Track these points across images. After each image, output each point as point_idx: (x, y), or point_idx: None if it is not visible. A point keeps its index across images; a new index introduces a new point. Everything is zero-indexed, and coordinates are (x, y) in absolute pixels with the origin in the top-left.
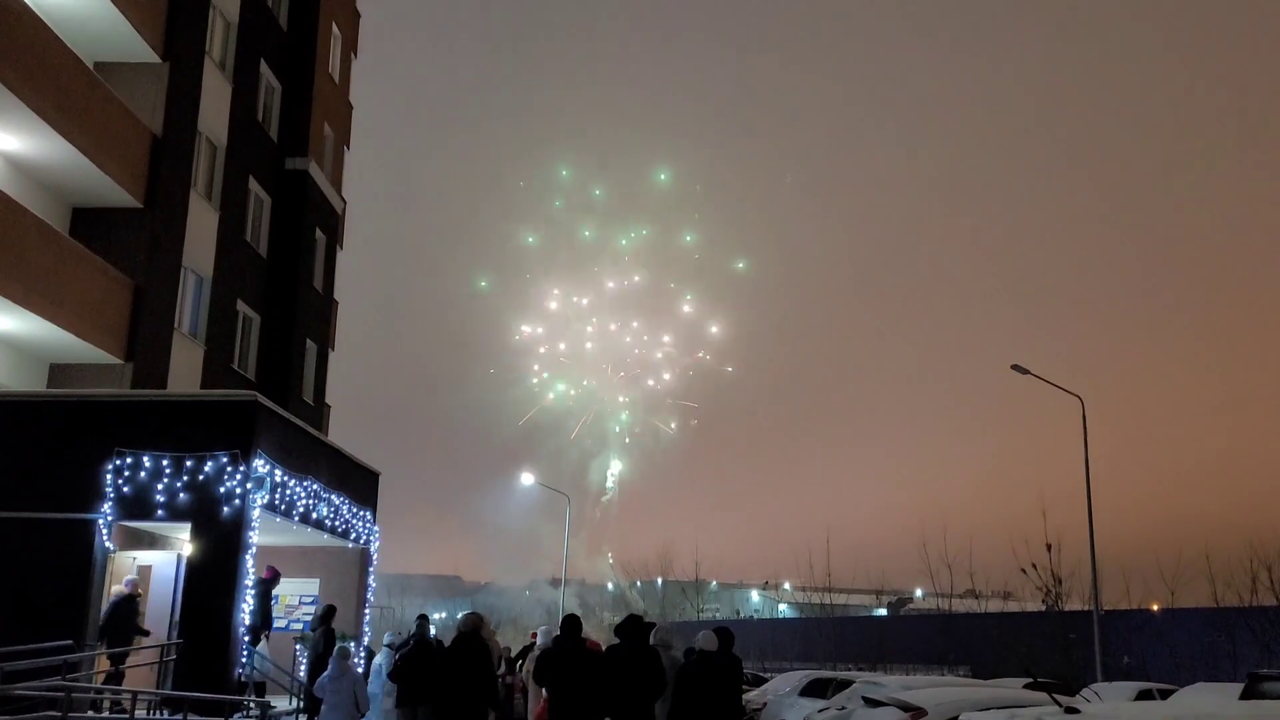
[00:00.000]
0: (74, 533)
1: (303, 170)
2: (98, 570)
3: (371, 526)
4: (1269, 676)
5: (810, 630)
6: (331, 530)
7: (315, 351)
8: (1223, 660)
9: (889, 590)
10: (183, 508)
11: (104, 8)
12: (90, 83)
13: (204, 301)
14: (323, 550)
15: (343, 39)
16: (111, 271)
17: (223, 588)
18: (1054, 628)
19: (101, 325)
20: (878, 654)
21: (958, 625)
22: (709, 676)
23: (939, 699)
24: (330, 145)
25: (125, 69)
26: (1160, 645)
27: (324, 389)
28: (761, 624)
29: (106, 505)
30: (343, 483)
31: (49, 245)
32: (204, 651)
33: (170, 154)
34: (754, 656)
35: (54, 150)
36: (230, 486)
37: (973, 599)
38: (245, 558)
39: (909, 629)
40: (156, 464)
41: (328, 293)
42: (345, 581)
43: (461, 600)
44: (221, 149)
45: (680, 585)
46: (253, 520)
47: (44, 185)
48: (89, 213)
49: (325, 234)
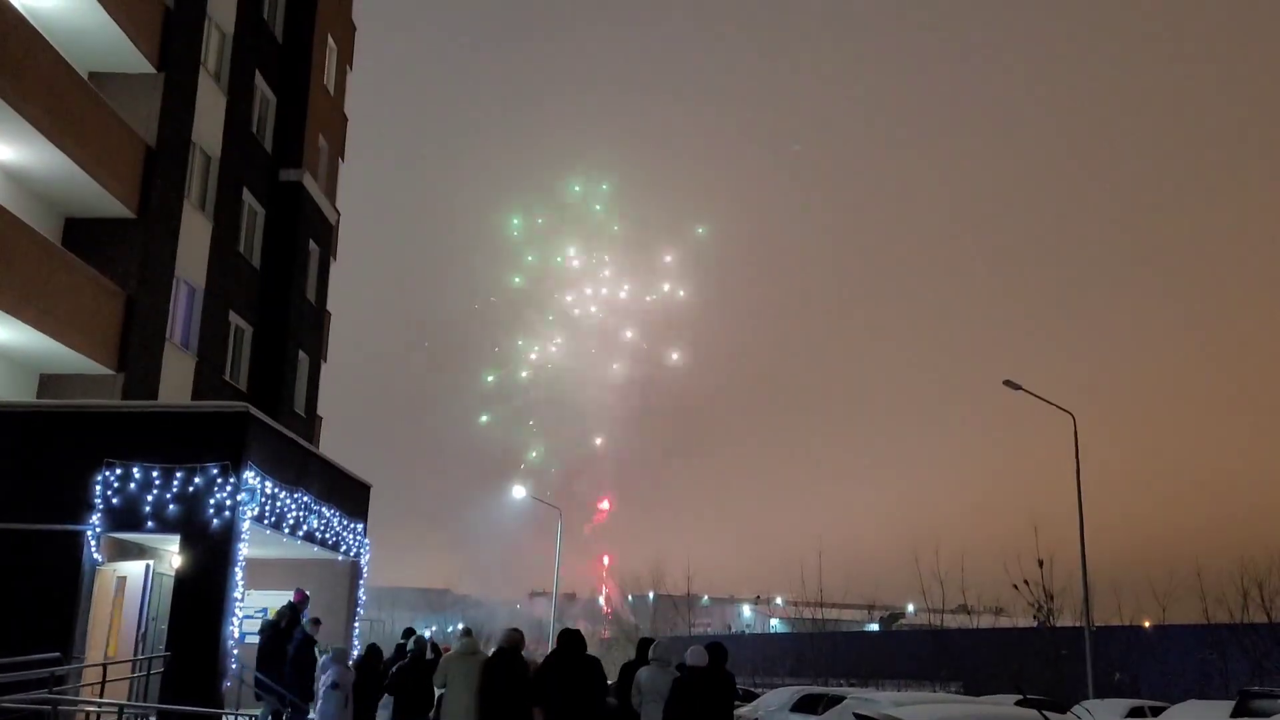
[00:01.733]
0: (62, 544)
1: (297, 181)
2: (86, 582)
3: (362, 539)
4: (1260, 694)
5: (802, 645)
6: (322, 543)
7: (307, 363)
8: (1214, 677)
9: (881, 605)
10: (172, 519)
11: (99, 19)
12: (84, 93)
13: (196, 312)
14: (313, 563)
15: (338, 51)
16: (103, 282)
17: (211, 600)
18: (1046, 644)
19: (93, 335)
20: (869, 669)
21: (950, 641)
22: (702, 692)
23: (931, 716)
24: (325, 157)
25: (120, 79)
26: (1152, 662)
27: (316, 400)
28: (753, 639)
29: (95, 516)
30: (333, 495)
31: (41, 255)
32: (192, 664)
33: (164, 165)
34: (746, 672)
35: (47, 160)
36: (220, 498)
37: (965, 614)
38: (234, 570)
39: (901, 645)
40: (146, 475)
41: (321, 304)
42: (335, 594)
43: (452, 614)
44: (215, 160)
45: (672, 599)
46: (242, 532)
47: (36, 195)
48: (82, 223)
49: (319, 245)
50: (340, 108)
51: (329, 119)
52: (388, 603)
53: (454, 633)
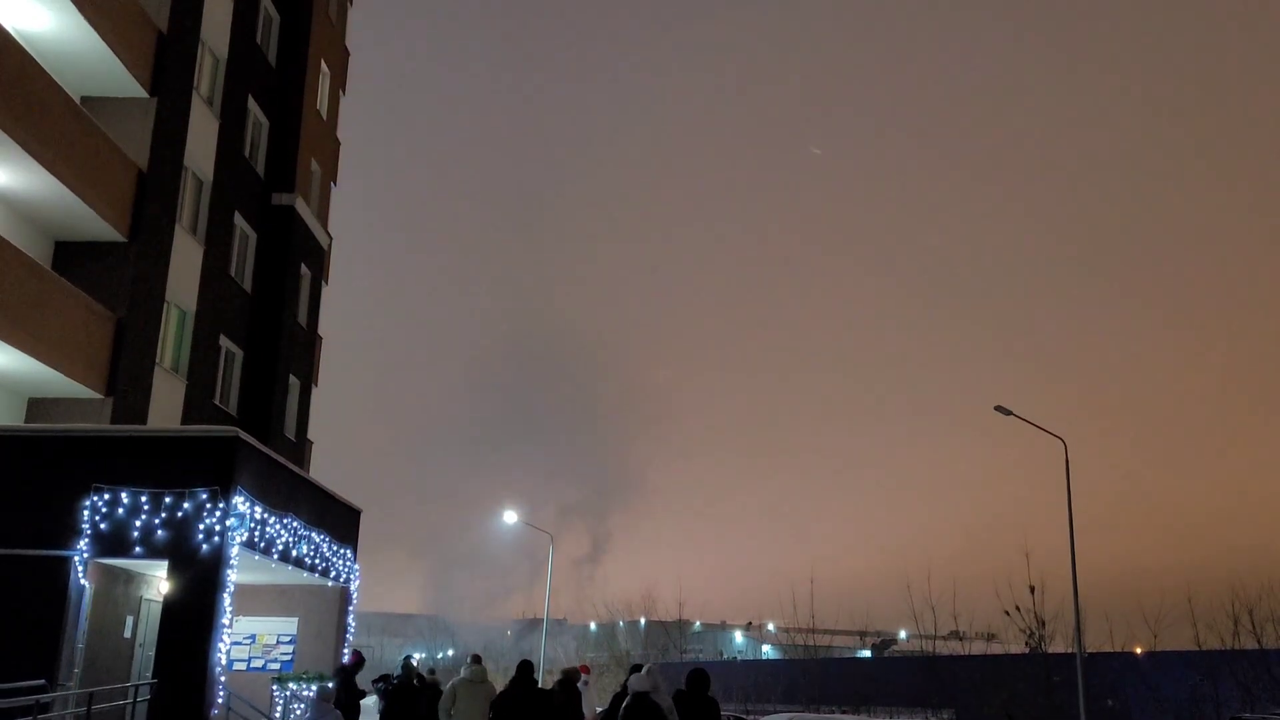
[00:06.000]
0: (49, 569)
1: (289, 206)
2: (72, 608)
3: (352, 565)
4: None
5: (794, 672)
6: (311, 568)
7: (298, 387)
8: (1205, 704)
9: (873, 632)
10: (160, 545)
11: (92, 43)
12: (76, 117)
13: (187, 336)
14: (302, 589)
15: (331, 76)
16: (94, 305)
17: (199, 626)
18: (1037, 670)
19: (82, 360)
20: (862, 696)
21: (942, 667)
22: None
23: None
24: (317, 181)
25: (112, 104)
26: (1144, 688)
27: (306, 425)
28: (745, 665)
29: (83, 542)
30: (323, 520)
31: (30, 278)
32: (179, 691)
33: (156, 188)
34: (738, 698)
35: (38, 184)
36: (209, 523)
37: (957, 641)
38: (223, 596)
39: (893, 671)
40: (135, 500)
41: (312, 328)
42: (324, 620)
43: (442, 640)
44: (208, 184)
45: (663, 625)
46: (231, 558)
47: (27, 218)
48: (72, 246)
49: (311, 269)
50: (333, 132)
51: (322, 143)
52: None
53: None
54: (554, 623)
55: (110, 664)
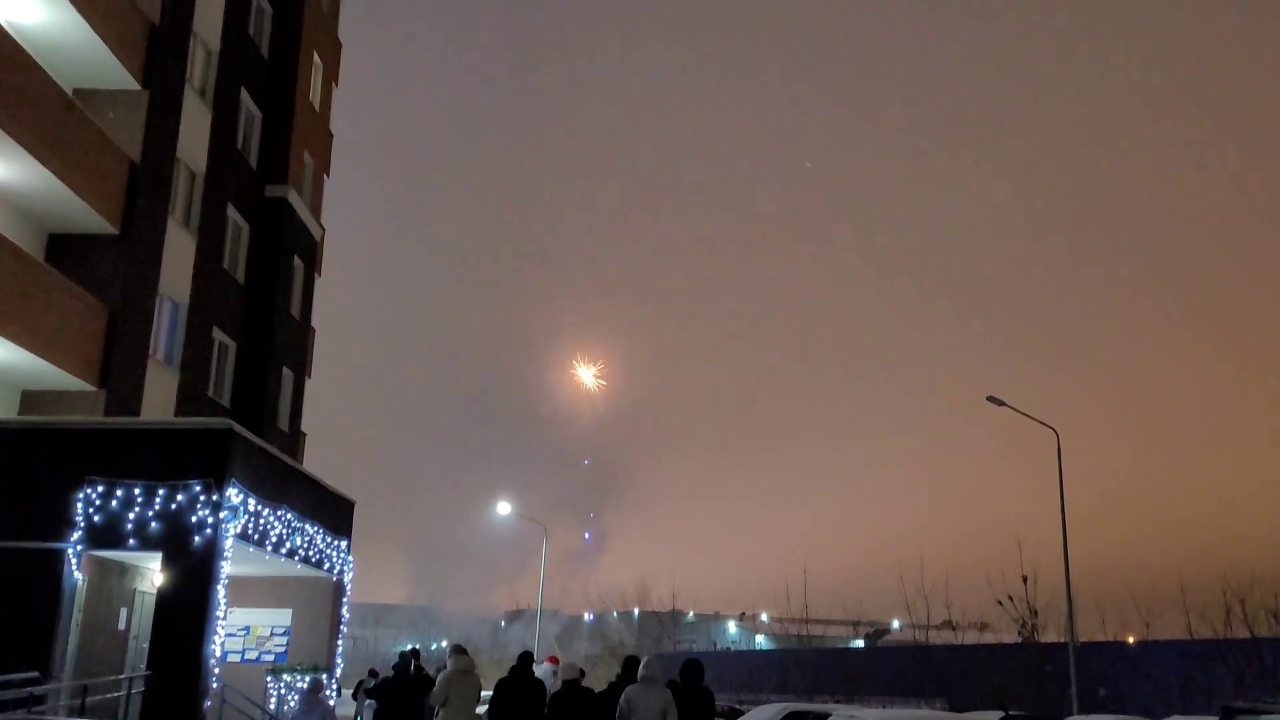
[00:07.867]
0: (43, 562)
1: (282, 198)
2: (66, 600)
3: (345, 556)
4: (1243, 709)
5: (787, 662)
6: (305, 560)
7: (291, 379)
8: (1197, 693)
9: (866, 621)
10: (154, 537)
11: (85, 35)
12: (69, 109)
13: (180, 328)
14: (295, 580)
15: (324, 68)
16: (86, 298)
17: (193, 618)
18: (1030, 659)
19: (75, 352)
20: (855, 686)
21: (935, 657)
22: (680, 710)
23: None
24: (310, 173)
25: (105, 95)
26: (1136, 677)
27: (300, 417)
28: (738, 655)
29: (76, 534)
30: (317, 512)
31: (23, 271)
32: (173, 683)
33: (148, 181)
34: (731, 688)
35: (30, 176)
36: (203, 515)
37: (949, 631)
38: (217, 588)
39: (886, 661)
40: (128, 492)
41: (305, 320)
42: (318, 612)
43: (436, 631)
44: (200, 176)
45: (657, 616)
46: (225, 550)
47: (19, 210)
48: (65, 239)
49: (304, 261)
50: (326, 124)
51: (314, 135)
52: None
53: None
54: (547, 613)
55: (104, 656)
